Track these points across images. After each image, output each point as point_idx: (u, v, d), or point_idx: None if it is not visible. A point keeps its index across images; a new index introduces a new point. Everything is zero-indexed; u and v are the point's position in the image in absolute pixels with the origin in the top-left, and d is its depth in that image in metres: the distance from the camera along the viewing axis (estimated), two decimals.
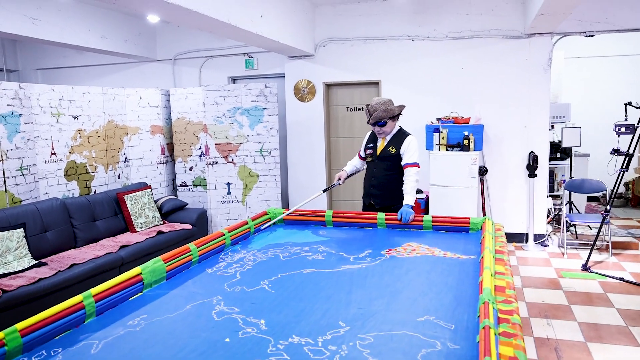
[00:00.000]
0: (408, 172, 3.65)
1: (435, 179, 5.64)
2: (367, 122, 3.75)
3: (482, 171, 5.87)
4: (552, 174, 6.36)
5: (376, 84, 6.40)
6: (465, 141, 5.53)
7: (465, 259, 2.75)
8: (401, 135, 3.76)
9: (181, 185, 6.52)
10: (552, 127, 6.49)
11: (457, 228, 3.37)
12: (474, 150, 5.55)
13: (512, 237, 5.98)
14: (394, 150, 3.72)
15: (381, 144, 3.79)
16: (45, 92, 4.95)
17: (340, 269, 2.62)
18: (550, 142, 6.20)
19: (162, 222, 5.60)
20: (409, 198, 3.57)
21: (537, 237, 5.84)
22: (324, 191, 4.07)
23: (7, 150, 4.54)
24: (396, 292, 2.25)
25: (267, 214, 3.74)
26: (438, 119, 5.83)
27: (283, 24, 5.46)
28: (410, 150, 3.68)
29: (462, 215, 3.77)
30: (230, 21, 4.35)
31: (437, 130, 5.66)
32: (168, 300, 2.26)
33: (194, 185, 6.49)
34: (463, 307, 2.05)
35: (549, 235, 5.93)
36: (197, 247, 2.81)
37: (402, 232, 3.41)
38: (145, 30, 7.16)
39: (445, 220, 3.42)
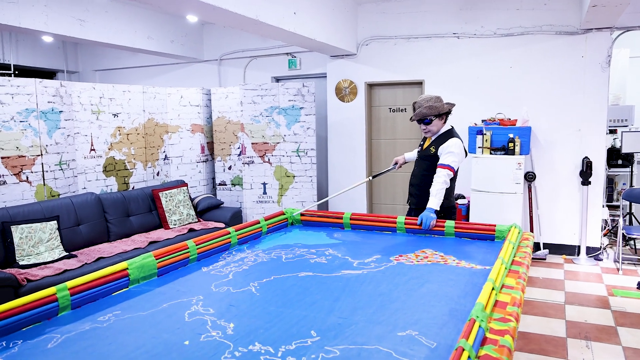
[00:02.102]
0: (437, 173, 3.41)
1: (477, 184, 5.29)
2: (410, 119, 3.57)
3: (530, 177, 5.43)
4: (611, 182, 5.79)
5: (419, 83, 6.13)
6: (510, 144, 5.15)
7: (479, 269, 2.48)
8: (446, 135, 3.50)
9: (220, 184, 6.56)
10: (614, 131, 5.92)
11: (482, 236, 3.08)
12: (520, 154, 5.15)
13: (562, 249, 5.49)
14: (433, 150, 3.51)
15: (426, 143, 3.62)
16: (86, 90, 5.13)
17: (339, 274, 2.45)
18: (610, 148, 5.65)
19: (196, 220, 5.64)
20: (433, 201, 3.31)
21: (590, 250, 5.32)
22: (374, 177, 3.95)
23: (47, 145, 4.73)
24: (387, 302, 2.04)
25: (284, 214, 3.61)
26: (483, 121, 5.48)
27: (321, 21, 5.33)
28: (446, 152, 3.41)
29: (506, 223, 3.44)
30: (258, 17, 4.28)
31: (480, 132, 5.31)
32: (149, 297, 2.18)
33: (232, 184, 6.52)
34: (455, 322, 1.82)
35: (604, 249, 5.39)
36: (197, 245, 2.74)
37: (421, 237, 3.17)
38: (191, 31, 7.30)
39: (469, 226, 3.15)
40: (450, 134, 3.53)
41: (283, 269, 2.55)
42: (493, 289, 1.91)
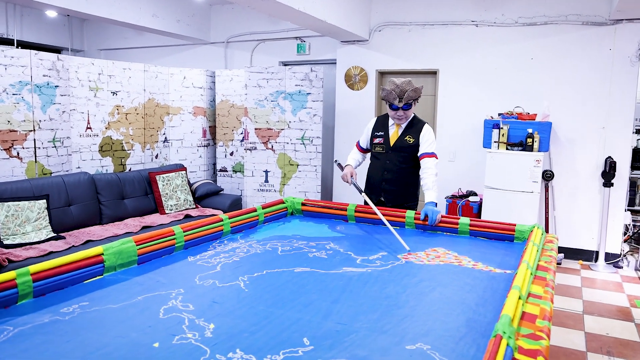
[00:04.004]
0: (427, 163, 3.14)
1: (491, 180, 5.00)
2: (395, 105, 3.12)
3: (548, 176, 5.13)
4: (634, 185, 5.47)
5: (433, 73, 5.82)
6: (529, 140, 4.84)
7: (499, 273, 2.21)
8: (418, 122, 3.26)
9: (221, 170, 6.31)
10: (638, 131, 5.59)
11: (499, 235, 2.80)
12: (539, 151, 4.85)
13: (578, 254, 5.19)
14: (411, 140, 3.20)
15: (395, 133, 3.27)
16: (84, 65, 4.87)
17: (339, 271, 2.18)
18: (634, 148, 5.33)
19: (194, 206, 5.39)
20: (432, 194, 3.05)
21: (609, 257, 5.02)
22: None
23: (40, 121, 4.49)
24: (394, 307, 1.78)
25: (284, 203, 3.35)
26: (500, 114, 5.17)
27: (332, 3, 5.03)
28: (428, 139, 3.18)
29: (521, 223, 3.13)
30: None
31: (496, 126, 5.01)
32: (124, 287, 1.93)
33: (233, 171, 6.26)
34: (473, 336, 1.55)
35: (624, 256, 5.08)
36: (184, 232, 2.48)
37: (431, 234, 2.90)
38: (198, 11, 7.02)
39: (485, 225, 2.86)
40: (420, 120, 3.30)
41: (278, 262, 2.29)
42: (520, 298, 1.64)
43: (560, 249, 5.25)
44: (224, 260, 2.31)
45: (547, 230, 5.20)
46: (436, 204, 3.02)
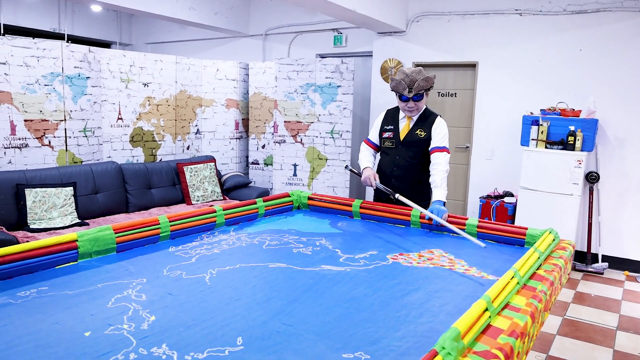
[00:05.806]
0: (437, 159, 2.92)
1: (527, 181, 4.67)
2: (405, 96, 2.93)
3: (593, 178, 4.72)
4: None
5: (472, 66, 5.51)
6: (570, 138, 4.47)
7: (491, 280, 2.01)
8: (430, 115, 3.05)
9: (252, 163, 6.32)
10: None
11: (509, 239, 2.56)
12: (581, 151, 4.47)
13: (625, 265, 4.75)
14: (422, 134, 3.00)
15: (405, 126, 3.07)
16: (116, 57, 5.00)
17: (316, 268, 2.06)
18: None
19: (221, 198, 5.42)
20: (441, 193, 2.85)
21: None
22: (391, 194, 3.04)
23: (71, 111, 4.65)
24: (354, 310, 1.64)
25: (290, 197, 3.26)
26: (541, 110, 4.81)
27: None
28: (440, 133, 2.97)
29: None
30: None
31: (536, 122, 4.67)
32: (90, 274, 1.91)
33: (265, 164, 6.25)
34: (426, 348, 1.38)
35: None
36: (171, 222, 2.45)
37: (436, 235, 2.70)
38: (236, 4, 7.06)
39: (495, 227, 2.63)
40: (433, 113, 3.07)
41: (256, 257, 2.20)
42: (487, 309, 1.45)
43: (605, 258, 4.83)
44: (204, 252, 2.25)
45: (589, 237, 4.79)
46: (444, 202, 2.83)
